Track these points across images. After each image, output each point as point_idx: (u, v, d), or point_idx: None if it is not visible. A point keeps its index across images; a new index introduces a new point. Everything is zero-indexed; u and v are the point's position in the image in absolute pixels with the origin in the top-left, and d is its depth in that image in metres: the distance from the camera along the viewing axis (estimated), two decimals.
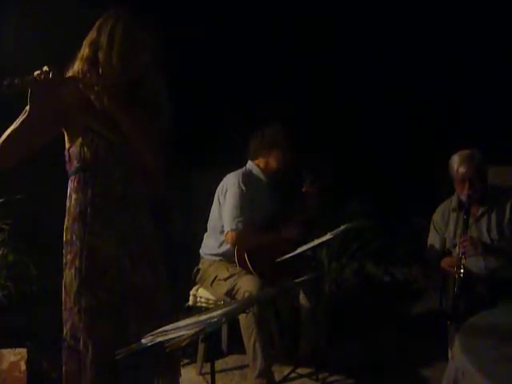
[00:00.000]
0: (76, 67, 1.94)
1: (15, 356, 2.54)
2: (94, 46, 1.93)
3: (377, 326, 3.70)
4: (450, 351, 2.63)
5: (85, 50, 1.94)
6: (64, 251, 1.94)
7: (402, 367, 3.14)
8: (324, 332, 3.20)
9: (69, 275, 1.90)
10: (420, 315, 3.89)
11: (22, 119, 1.86)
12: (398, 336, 3.58)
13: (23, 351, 2.56)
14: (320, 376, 3.05)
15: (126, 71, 1.92)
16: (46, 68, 1.78)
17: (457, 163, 2.84)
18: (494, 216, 2.87)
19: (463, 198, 2.84)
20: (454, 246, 2.87)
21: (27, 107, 1.84)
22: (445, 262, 2.90)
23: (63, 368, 1.93)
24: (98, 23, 1.96)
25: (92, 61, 1.92)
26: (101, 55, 1.91)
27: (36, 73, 1.78)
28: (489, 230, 2.86)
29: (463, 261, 2.68)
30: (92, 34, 1.95)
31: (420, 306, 4.00)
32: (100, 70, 1.90)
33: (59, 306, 1.98)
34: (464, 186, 2.82)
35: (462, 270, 2.66)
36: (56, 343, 2.02)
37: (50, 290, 3.07)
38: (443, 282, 2.98)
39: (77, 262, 1.89)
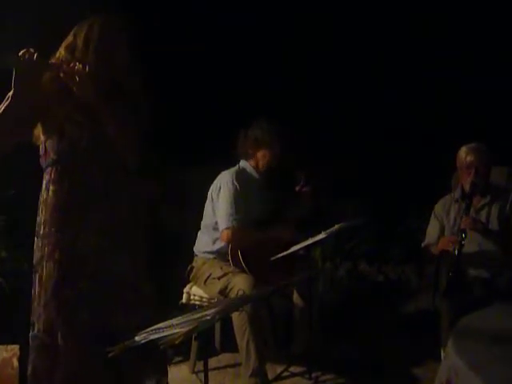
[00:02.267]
0: None
1: (7, 352, 2.52)
2: (70, 49, 1.95)
3: (370, 326, 3.71)
4: (442, 350, 2.64)
5: (61, 53, 1.96)
6: (40, 244, 1.90)
7: (394, 366, 3.14)
8: (317, 331, 3.20)
9: (47, 268, 1.87)
10: (413, 315, 3.90)
11: (5, 105, 1.84)
12: (390, 335, 3.59)
13: (16, 348, 2.54)
14: (313, 375, 3.05)
15: (103, 70, 1.92)
16: (31, 50, 1.78)
17: (465, 152, 2.95)
18: (494, 209, 2.94)
19: (467, 186, 2.90)
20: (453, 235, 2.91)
21: (9, 93, 1.83)
22: (442, 241, 2.93)
23: (30, 366, 1.88)
24: (74, 29, 1.99)
25: (69, 61, 1.91)
26: (78, 54, 1.93)
27: (21, 52, 1.78)
28: (488, 222, 2.92)
29: (462, 237, 2.72)
30: (68, 39, 1.97)
31: (413, 306, 4.01)
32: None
33: None
34: (469, 175, 2.90)
35: (460, 246, 2.69)
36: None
37: None
38: (436, 279, 2.99)
39: (56, 254, 1.86)
